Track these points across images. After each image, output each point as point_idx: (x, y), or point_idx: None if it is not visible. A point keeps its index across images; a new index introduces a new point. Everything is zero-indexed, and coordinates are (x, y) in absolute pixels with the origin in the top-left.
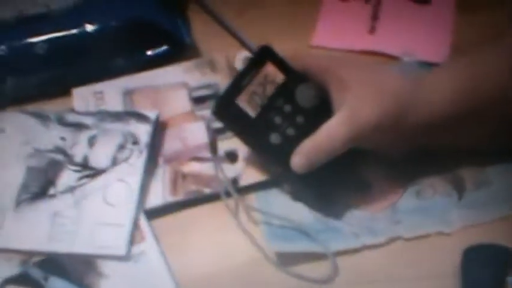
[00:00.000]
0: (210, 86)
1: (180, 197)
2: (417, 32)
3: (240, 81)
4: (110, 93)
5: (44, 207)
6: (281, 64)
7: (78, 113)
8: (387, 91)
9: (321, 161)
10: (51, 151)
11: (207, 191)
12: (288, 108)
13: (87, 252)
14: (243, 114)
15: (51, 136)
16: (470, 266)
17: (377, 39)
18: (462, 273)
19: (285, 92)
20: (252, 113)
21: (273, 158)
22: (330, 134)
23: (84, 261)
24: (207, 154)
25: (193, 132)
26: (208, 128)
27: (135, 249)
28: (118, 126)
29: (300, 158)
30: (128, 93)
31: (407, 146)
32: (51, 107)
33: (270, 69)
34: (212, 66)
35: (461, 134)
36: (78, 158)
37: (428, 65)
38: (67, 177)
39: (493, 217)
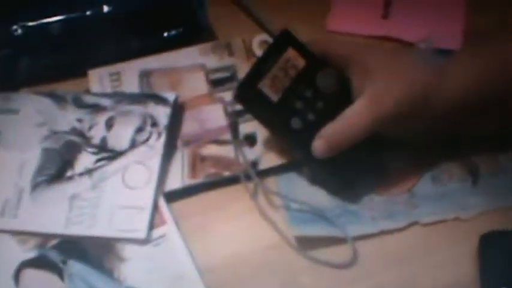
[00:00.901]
0: (228, 69)
1: (199, 180)
2: (430, 18)
3: (261, 66)
4: (127, 74)
5: (62, 189)
6: (302, 49)
7: (95, 94)
8: (409, 79)
9: (342, 147)
10: (68, 133)
11: (226, 174)
12: (308, 93)
13: (106, 236)
14: (265, 99)
15: (67, 118)
16: (488, 252)
17: (391, 25)
18: (480, 259)
19: (306, 77)
20: (273, 97)
21: (293, 142)
22: (351, 120)
23: (104, 245)
24: (225, 137)
25: (212, 114)
26: (228, 111)
27: (156, 232)
28: (136, 108)
29: (322, 142)
30: (145, 75)
31: (429, 133)
32: (66, 88)
33: (291, 54)
34: (229, 49)
35: (483, 121)
36: (96, 140)
37: (444, 52)
38: (85, 159)
39: (508, 203)
